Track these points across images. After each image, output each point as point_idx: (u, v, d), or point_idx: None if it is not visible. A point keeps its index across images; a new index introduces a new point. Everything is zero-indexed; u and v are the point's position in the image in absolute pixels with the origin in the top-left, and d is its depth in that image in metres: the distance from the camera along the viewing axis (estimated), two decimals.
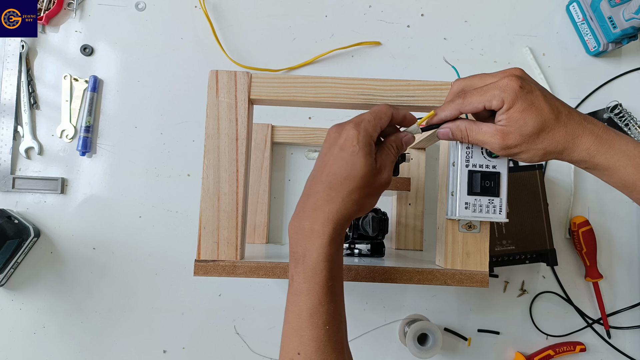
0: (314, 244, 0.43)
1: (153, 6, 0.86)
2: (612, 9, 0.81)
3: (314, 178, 0.45)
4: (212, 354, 0.81)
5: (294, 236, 0.45)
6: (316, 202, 0.44)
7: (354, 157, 0.43)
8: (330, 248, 0.43)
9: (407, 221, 0.80)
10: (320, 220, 0.43)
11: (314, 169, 0.46)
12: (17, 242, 0.76)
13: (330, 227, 0.43)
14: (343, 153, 0.43)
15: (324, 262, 0.43)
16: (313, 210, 0.44)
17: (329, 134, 0.46)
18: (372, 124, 0.45)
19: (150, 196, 0.83)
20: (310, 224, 0.44)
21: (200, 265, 0.52)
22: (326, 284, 0.43)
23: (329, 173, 0.44)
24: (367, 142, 0.44)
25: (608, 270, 0.85)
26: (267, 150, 0.80)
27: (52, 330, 0.81)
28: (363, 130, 0.44)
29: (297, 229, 0.44)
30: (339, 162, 0.43)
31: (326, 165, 0.44)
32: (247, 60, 0.86)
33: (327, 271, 0.43)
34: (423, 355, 0.76)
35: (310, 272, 0.43)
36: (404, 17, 0.88)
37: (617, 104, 0.86)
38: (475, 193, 0.51)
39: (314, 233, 0.43)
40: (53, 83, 0.84)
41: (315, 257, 0.43)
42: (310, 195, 0.44)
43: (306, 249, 0.44)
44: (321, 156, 0.45)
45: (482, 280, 0.53)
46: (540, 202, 0.78)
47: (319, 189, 0.44)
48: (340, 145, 0.43)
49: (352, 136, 0.43)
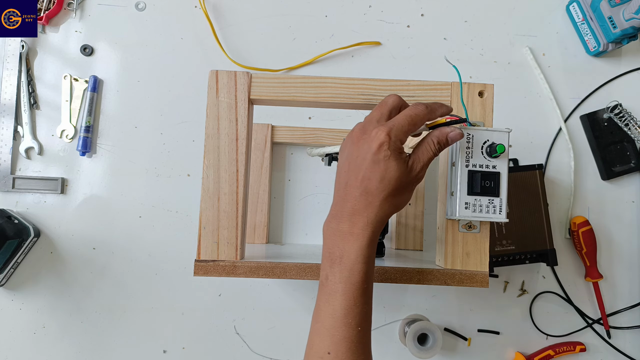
0: (352, 245, 0.44)
1: (153, 6, 0.86)
2: (612, 9, 0.81)
3: (349, 182, 0.46)
4: (212, 354, 0.81)
5: (332, 237, 0.46)
6: (354, 206, 0.45)
7: (387, 162, 0.44)
8: (368, 250, 0.45)
9: (407, 221, 0.80)
10: (360, 224, 0.44)
11: (343, 169, 0.47)
12: (17, 242, 0.76)
13: (369, 230, 0.45)
14: (376, 157, 0.44)
15: (362, 264, 0.44)
16: (352, 214, 0.45)
17: (354, 134, 0.46)
18: (404, 131, 0.45)
19: (150, 196, 0.83)
20: (350, 227, 0.45)
21: (200, 265, 0.52)
22: (362, 285, 0.44)
23: (364, 178, 0.44)
24: (397, 147, 0.45)
25: (608, 270, 0.85)
26: (267, 150, 0.80)
27: (52, 330, 0.81)
28: (394, 137, 0.44)
29: (335, 231, 0.45)
30: (372, 167, 0.44)
31: (359, 169, 0.45)
32: (247, 60, 0.86)
33: (363, 273, 0.44)
34: (423, 355, 0.76)
35: (347, 272, 0.44)
36: (404, 17, 0.88)
37: (617, 104, 0.86)
38: (475, 193, 0.51)
39: (354, 235, 0.44)
40: (53, 83, 0.84)
41: (354, 258, 0.44)
42: (347, 199, 0.45)
43: (344, 250, 0.44)
44: (351, 158, 0.46)
45: (482, 280, 0.53)
46: (540, 202, 0.78)
47: (356, 194, 0.45)
48: (373, 151, 0.44)
49: (384, 141, 0.44)
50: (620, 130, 0.86)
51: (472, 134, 0.51)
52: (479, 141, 0.51)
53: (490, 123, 0.55)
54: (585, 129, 0.87)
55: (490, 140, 0.51)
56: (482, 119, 0.54)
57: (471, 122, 0.53)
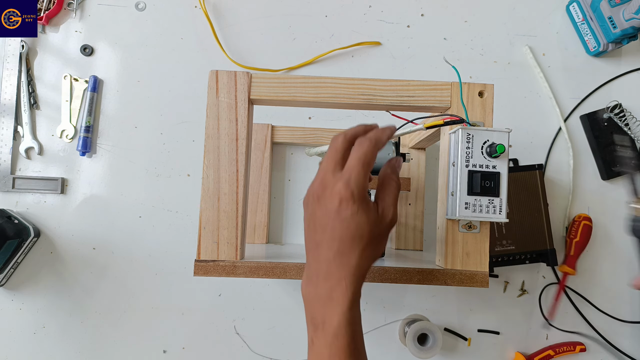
0: (334, 311, 0.42)
1: (153, 6, 0.86)
2: (612, 9, 0.81)
3: (318, 243, 0.43)
4: (212, 354, 0.81)
5: (312, 302, 0.44)
6: (329, 269, 0.42)
7: (355, 218, 0.42)
8: (351, 312, 0.42)
9: (407, 221, 0.80)
10: (339, 288, 0.42)
11: (311, 228, 0.44)
12: (17, 242, 0.76)
13: (350, 292, 0.42)
14: (342, 216, 0.41)
15: (346, 328, 0.42)
16: (327, 278, 0.42)
17: (314, 190, 0.44)
18: (362, 176, 0.42)
19: (150, 196, 0.83)
20: (328, 291, 0.42)
21: (200, 265, 0.52)
22: (348, 347, 0.42)
23: (333, 238, 0.42)
24: (362, 196, 0.42)
25: (608, 270, 0.85)
26: (267, 150, 0.80)
27: (52, 330, 0.81)
28: (355, 187, 0.42)
29: (314, 296, 0.43)
30: (341, 227, 0.42)
31: (327, 229, 0.42)
32: (247, 60, 0.86)
33: (349, 335, 0.42)
34: (423, 355, 0.76)
35: (331, 338, 0.42)
36: (404, 17, 0.88)
37: (617, 103, 0.86)
38: (475, 193, 0.51)
39: (333, 301, 0.42)
40: (53, 83, 0.84)
41: (336, 324, 0.42)
42: (321, 261, 0.43)
43: (326, 316, 0.42)
44: (317, 217, 0.43)
45: (482, 280, 0.53)
46: (540, 202, 0.78)
47: (329, 256, 0.42)
48: (336, 209, 0.42)
49: (345, 196, 0.41)
50: (620, 130, 0.86)
51: (472, 134, 0.51)
52: (479, 141, 0.51)
53: (490, 123, 0.55)
54: (585, 128, 0.87)
55: (490, 140, 0.51)
56: (482, 119, 0.54)
57: (471, 122, 0.53)
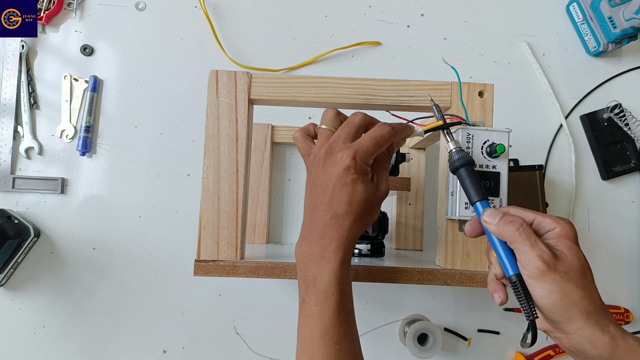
0: (325, 268, 0.44)
1: (153, 6, 0.86)
2: (612, 9, 0.81)
3: (317, 204, 0.45)
4: (212, 354, 0.81)
5: (303, 261, 0.45)
6: (324, 229, 0.45)
7: (354, 186, 0.43)
8: (341, 271, 0.44)
9: (407, 221, 0.80)
10: (331, 247, 0.44)
11: (311, 190, 0.46)
12: (17, 242, 0.76)
13: (341, 252, 0.44)
14: (343, 181, 0.43)
15: (336, 286, 0.44)
16: (322, 237, 0.45)
17: (320, 155, 0.45)
18: (369, 153, 0.44)
19: (150, 196, 0.83)
20: (321, 250, 0.44)
21: (200, 265, 0.52)
22: (337, 306, 0.44)
23: (332, 201, 0.44)
24: (363, 170, 0.44)
25: (608, 270, 0.85)
26: (267, 150, 0.80)
27: (52, 330, 0.81)
28: (360, 160, 0.44)
29: (307, 254, 0.45)
30: (340, 191, 0.43)
31: (327, 192, 0.44)
32: (247, 60, 0.86)
33: (338, 294, 0.44)
34: (423, 355, 0.76)
35: (321, 295, 0.44)
36: (404, 17, 0.88)
37: (617, 103, 0.86)
38: None
39: (325, 259, 0.44)
40: (53, 83, 0.84)
41: (327, 281, 0.44)
42: (316, 222, 0.45)
43: (317, 274, 0.44)
44: (318, 180, 0.45)
45: (482, 280, 0.53)
46: (540, 202, 0.78)
47: (326, 217, 0.44)
48: (339, 174, 0.43)
49: (350, 165, 0.43)
50: (620, 130, 0.86)
51: (472, 134, 0.51)
52: (479, 141, 0.51)
53: (490, 123, 0.55)
54: (585, 128, 0.87)
55: (490, 140, 0.51)
56: (482, 119, 0.54)
57: (471, 122, 0.53)
